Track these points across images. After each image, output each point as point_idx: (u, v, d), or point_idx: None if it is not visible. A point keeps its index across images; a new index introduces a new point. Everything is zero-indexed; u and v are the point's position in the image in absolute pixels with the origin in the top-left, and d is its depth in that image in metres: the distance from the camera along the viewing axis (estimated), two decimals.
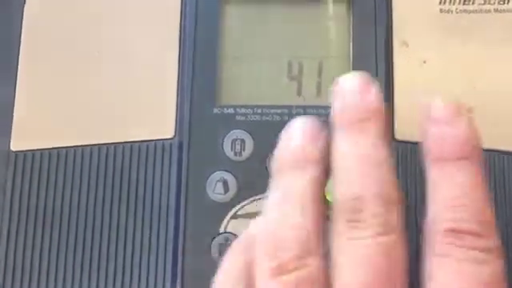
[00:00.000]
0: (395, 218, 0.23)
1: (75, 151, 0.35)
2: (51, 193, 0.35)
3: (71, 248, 0.34)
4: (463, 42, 0.35)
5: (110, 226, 0.34)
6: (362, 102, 0.25)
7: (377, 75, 0.35)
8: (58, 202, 0.35)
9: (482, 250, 0.23)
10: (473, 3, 0.35)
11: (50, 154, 0.35)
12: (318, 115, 0.34)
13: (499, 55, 0.35)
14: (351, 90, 0.25)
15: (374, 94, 0.25)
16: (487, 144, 0.34)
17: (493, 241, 0.23)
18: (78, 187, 0.35)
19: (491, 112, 0.34)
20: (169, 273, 0.33)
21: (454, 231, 0.23)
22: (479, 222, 0.23)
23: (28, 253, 0.34)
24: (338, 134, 0.25)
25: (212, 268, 0.33)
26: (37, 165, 0.35)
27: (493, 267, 0.23)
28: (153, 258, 0.34)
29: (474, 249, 0.23)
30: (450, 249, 0.23)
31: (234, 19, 0.36)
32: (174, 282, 0.33)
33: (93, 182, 0.35)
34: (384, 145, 0.25)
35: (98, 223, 0.34)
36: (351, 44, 0.35)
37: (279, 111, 0.34)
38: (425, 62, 0.35)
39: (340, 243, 0.23)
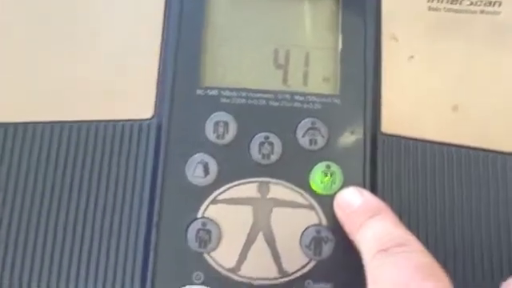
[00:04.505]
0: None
1: (52, 127, 0.33)
2: (23, 169, 0.32)
3: (42, 228, 0.32)
4: (450, 40, 0.35)
5: (78, 207, 0.32)
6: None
7: (365, 67, 0.34)
8: (31, 179, 0.32)
9: (409, 252, 0.27)
10: (460, 3, 0.36)
11: (24, 129, 0.33)
12: (306, 102, 0.33)
13: (485, 55, 0.35)
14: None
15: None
16: (473, 142, 0.34)
17: (415, 246, 0.28)
18: (52, 165, 0.33)
19: (477, 110, 0.34)
20: (140, 256, 0.31)
21: (381, 251, 0.28)
22: (399, 237, 0.28)
23: None
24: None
25: (186, 255, 0.31)
26: (10, 139, 0.33)
27: (423, 255, 0.27)
28: (123, 243, 0.32)
29: (401, 252, 0.27)
30: (383, 258, 0.27)
31: (221, 2, 0.35)
32: (145, 268, 0.31)
33: (62, 161, 0.33)
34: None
35: (68, 203, 0.32)
36: (340, 35, 0.35)
37: (265, 96, 0.33)
38: (412, 56, 0.35)
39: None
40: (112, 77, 0.34)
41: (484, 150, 0.34)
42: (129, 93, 0.34)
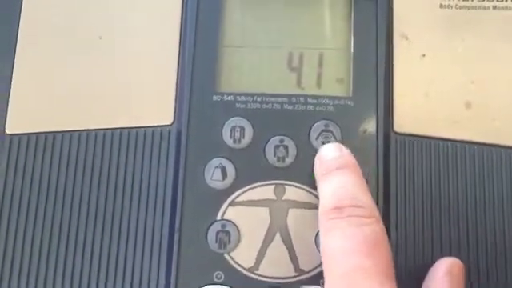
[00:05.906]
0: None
1: (71, 136, 0.35)
2: (45, 178, 0.34)
3: (64, 234, 0.34)
4: (462, 37, 0.35)
5: (105, 213, 0.34)
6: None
7: (377, 67, 0.35)
8: (53, 188, 0.34)
9: (361, 216, 0.29)
10: (472, 0, 0.36)
11: (45, 138, 0.35)
12: (319, 105, 0.34)
13: (497, 51, 0.35)
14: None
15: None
16: (487, 139, 0.34)
17: (370, 210, 0.29)
18: (73, 173, 0.34)
19: (489, 107, 0.35)
20: (164, 259, 0.33)
21: (336, 208, 0.29)
22: (356, 199, 0.29)
23: (20, 237, 0.34)
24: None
25: (207, 256, 0.33)
26: (32, 149, 0.35)
27: (372, 227, 0.28)
28: (147, 246, 0.33)
29: (354, 216, 0.29)
30: (335, 222, 0.29)
31: (236, 7, 0.36)
32: (168, 269, 0.33)
33: (88, 168, 0.35)
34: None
35: (92, 209, 0.34)
36: (352, 36, 0.35)
37: (279, 100, 0.34)
38: (424, 55, 0.35)
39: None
40: (133, 84, 0.36)
41: (498, 147, 0.34)
42: (150, 100, 0.36)
